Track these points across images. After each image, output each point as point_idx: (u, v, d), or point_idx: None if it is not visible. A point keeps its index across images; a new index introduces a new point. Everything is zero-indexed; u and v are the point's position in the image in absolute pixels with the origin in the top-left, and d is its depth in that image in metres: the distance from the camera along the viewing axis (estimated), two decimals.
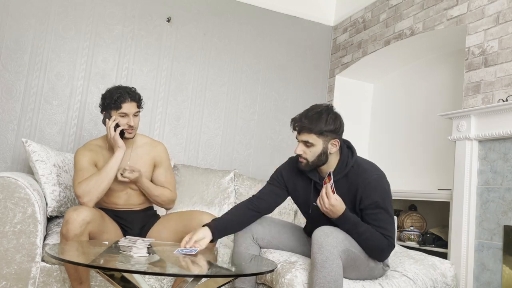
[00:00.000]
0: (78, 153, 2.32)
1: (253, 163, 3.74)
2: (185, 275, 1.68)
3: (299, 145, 2.04)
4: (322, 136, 1.99)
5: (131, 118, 2.29)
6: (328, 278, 1.84)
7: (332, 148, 2.03)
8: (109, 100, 2.28)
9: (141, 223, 2.41)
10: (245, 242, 2.20)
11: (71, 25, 3.26)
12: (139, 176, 2.29)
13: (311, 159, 2.03)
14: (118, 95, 2.26)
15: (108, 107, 2.29)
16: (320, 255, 1.85)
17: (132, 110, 2.30)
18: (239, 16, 3.77)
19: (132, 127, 2.31)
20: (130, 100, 2.28)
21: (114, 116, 2.28)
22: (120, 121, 2.28)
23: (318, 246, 1.86)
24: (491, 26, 2.63)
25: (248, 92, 3.77)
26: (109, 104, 2.28)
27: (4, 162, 3.03)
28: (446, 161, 3.20)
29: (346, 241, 1.93)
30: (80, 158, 2.29)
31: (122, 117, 2.28)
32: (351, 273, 2.02)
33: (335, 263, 1.85)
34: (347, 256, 1.92)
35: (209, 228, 2.03)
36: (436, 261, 2.32)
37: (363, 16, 3.76)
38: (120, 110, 2.27)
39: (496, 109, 2.44)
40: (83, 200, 2.16)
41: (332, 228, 1.93)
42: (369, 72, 3.93)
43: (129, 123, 2.29)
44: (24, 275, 2.10)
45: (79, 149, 2.36)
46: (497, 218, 2.42)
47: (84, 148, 2.35)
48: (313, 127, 1.98)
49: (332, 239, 1.86)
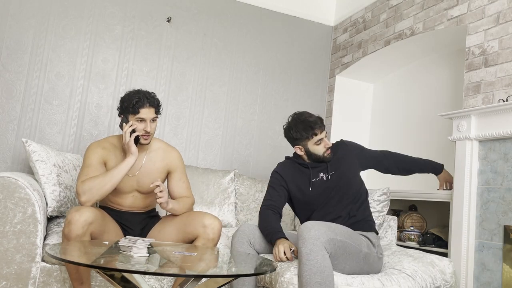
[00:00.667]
0: (90, 148, 2.29)
1: (253, 163, 3.74)
2: (185, 275, 1.68)
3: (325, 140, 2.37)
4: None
5: (148, 124, 2.25)
6: (314, 270, 1.88)
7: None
8: (127, 104, 2.23)
9: (143, 224, 2.41)
10: (241, 247, 2.21)
11: (71, 25, 3.26)
12: (166, 204, 2.25)
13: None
14: (137, 99, 2.22)
15: (125, 111, 2.25)
16: (305, 249, 1.92)
17: (150, 115, 2.25)
18: (239, 16, 3.77)
19: (148, 133, 2.26)
20: (149, 105, 2.24)
21: (131, 121, 2.24)
22: (137, 126, 2.24)
23: (302, 240, 1.95)
24: (492, 26, 2.63)
25: (248, 92, 3.77)
26: (127, 108, 2.24)
27: (4, 162, 3.03)
28: (446, 161, 3.19)
29: (329, 231, 1.98)
30: (90, 154, 2.26)
31: (139, 122, 2.24)
32: (345, 264, 2.04)
33: (320, 254, 1.90)
34: (334, 245, 1.97)
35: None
36: (434, 258, 2.32)
37: (363, 16, 3.76)
38: (138, 115, 2.22)
39: (496, 109, 2.44)
40: (82, 198, 2.13)
41: (315, 222, 2.02)
42: (369, 72, 3.93)
43: (146, 129, 2.24)
44: (24, 275, 2.10)
45: (92, 144, 2.33)
46: (497, 218, 2.42)
47: (98, 145, 2.32)
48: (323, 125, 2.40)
49: (314, 232, 1.94)
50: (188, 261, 1.82)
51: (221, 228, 2.28)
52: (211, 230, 2.22)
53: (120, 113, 2.30)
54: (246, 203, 3.28)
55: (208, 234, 2.21)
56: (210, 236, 2.22)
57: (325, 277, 1.88)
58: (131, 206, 2.38)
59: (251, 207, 3.28)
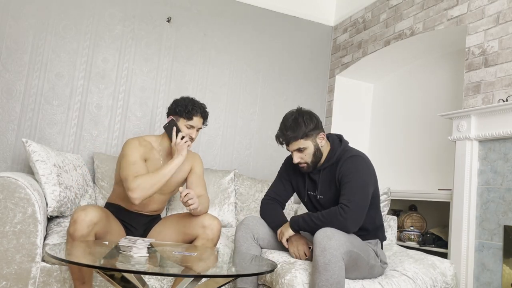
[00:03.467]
0: (130, 145, 2.31)
1: (253, 163, 3.74)
2: (185, 275, 1.68)
3: (294, 155, 2.17)
4: (308, 137, 2.14)
5: (194, 131, 2.38)
6: (331, 281, 1.84)
7: (322, 141, 2.18)
8: (182, 108, 2.36)
9: (146, 226, 2.42)
10: (246, 242, 2.20)
11: (71, 25, 3.26)
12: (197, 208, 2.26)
13: (310, 160, 2.17)
14: (193, 107, 2.36)
15: (179, 113, 2.36)
16: (323, 258, 1.85)
17: (199, 125, 2.40)
18: (239, 16, 3.77)
19: (192, 139, 2.38)
20: (201, 116, 2.40)
21: (183, 127, 2.35)
22: (185, 130, 2.36)
23: (321, 249, 1.87)
24: (491, 26, 2.63)
25: (248, 92, 3.77)
26: (181, 111, 2.36)
27: (4, 162, 3.03)
28: (446, 161, 3.20)
29: (348, 243, 1.93)
30: (133, 150, 2.28)
31: (187, 128, 2.37)
32: (352, 273, 2.03)
33: (337, 265, 1.85)
34: (349, 257, 1.93)
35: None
36: (435, 260, 2.31)
37: (363, 16, 3.76)
38: (189, 122, 2.36)
39: (496, 109, 2.44)
40: (134, 195, 2.13)
41: (335, 230, 1.94)
42: (369, 72, 3.93)
43: (192, 135, 2.37)
44: (24, 275, 2.10)
45: (131, 140, 2.35)
46: (497, 218, 2.42)
47: (137, 142, 2.35)
48: (297, 134, 2.12)
49: (335, 242, 1.87)
50: (188, 261, 1.82)
51: (221, 228, 2.28)
52: (211, 231, 2.23)
53: (171, 113, 2.40)
54: (246, 203, 3.28)
55: (208, 234, 2.22)
56: (209, 237, 2.23)
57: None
58: (143, 208, 2.39)
59: (251, 207, 3.28)
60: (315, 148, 2.15)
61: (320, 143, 2.17)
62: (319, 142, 2.16)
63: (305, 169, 2.19)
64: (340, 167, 2.12)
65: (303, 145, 2.13)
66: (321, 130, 2.18)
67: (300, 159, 2.16)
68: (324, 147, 2.20)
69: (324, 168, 2.19)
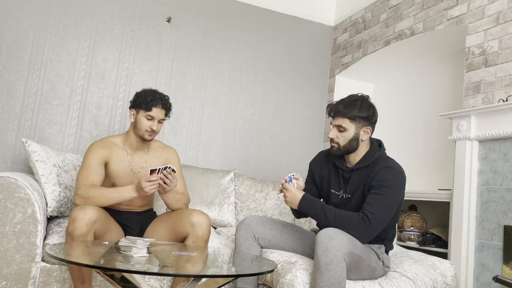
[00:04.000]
0: (91, 148, 2.36)
1: (253, 163, 3.74)
2: (185, 275, 1.68)
3: (332, 130, 2.18)
4: (355, 121, 2.13)
5: (155, 123, 2.38)
6: (332, 281, 1.84)
7: (364, 135, 2.16)
8: (142, 99, 2.36)
9: (141, 223, 2.42)
10: (246, 242, 2.20)
11: (71, 25, 3.26)
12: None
13: (343, 144, 2.16)
14: (152, 98, 2.36)
15: (138, 105, 2.38)
16: (325, 258, 1.85)
17: (159, 116, 2.39)
18: (239, 16, 3.77)
19: (153, 131, 2.39)
20: (161, 107, 2.38)
21: (143, 117, 2.34)
22: (145, 122, 2.36)
23: (322, 249, 1.86)
24: (491, 26, 2.63)
25: (248, 92, 3.77)
26: (140, 103, 2.36)
27: (4, 162, 3.03)
28: (446, 161, 3.20)
29: (351, 244, 1.93)
30: (90, 154, 2.32)
31: (147, 120, 2.37)
32: (353, 274, 2.02)
33: (339, 266, 1.85)
34: (351, 259, 1.92)
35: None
36: (435, 261, 2.31)
37: (363, 16, 3.76)
38: (148, 112, 2.36)
39: (496, 109, 2.44)
40: (77, 201, 2.18)
41: (337, 231, 1.94)
42: (369, 72, 3.93)
43: (152, 127, 2.37)
44: (24, 275, 2.10)
45: (94, 143, 2.40)
46: (497, 218, 2.42)
47: (99, 144, 2.39)
48: (347, 111, 2.12)
49: (337, 242, 1.86)
50: (188, 261, 1.82)
51: (210, 224, 2.27)
52: (200, 227, 2.22)
53: (132, 106, 2.41)
54: (246, 203, 3.28)
55: (197, 231, 2.22)
56: (199, 234, 2.22)
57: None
58: (129, 205, 2.39)
59: (251, 207, 3.27)
60: (355, 136, 2.14)
61: (361, 136, 2.15)
62: (361, 134, 2.15)
63: (334, 150, 2.18)
64: (376, 173, 2.09)
65: (346, 125, 2.12)
66: (369, 125, 2.17)
67: (335, 137, 2.16)
68: (363, 144, 2.18)
69: (358, 168, 2.17)
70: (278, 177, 3.76)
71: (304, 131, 3.95)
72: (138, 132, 2.40)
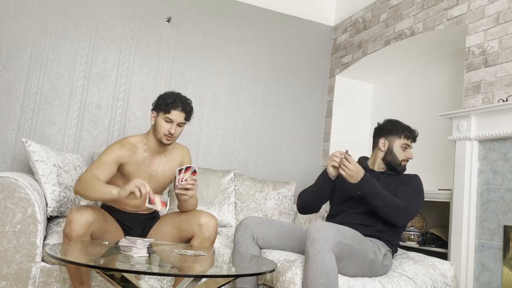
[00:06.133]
0: (111, 146, 2.29)
1: (253, 163, 3.74)
2: (185, 275, 1.68)
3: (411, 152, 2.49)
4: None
5: (173, 126, 2.29)
6: (320, 271, 1.87)
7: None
8: (162, 101, 2.29)
9: (143, 225, 2.41)
10: (245, 242, 2.21)
11: (71, 25, 3.26)
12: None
13: None
14: (172, 100, 2.27)
15: (158, 107, 2.30)
16: (312, 249, 1.90)
17: (178, 119, 2.29)
18: (239, 16, 3.77)
19: (172, 135, 2.30)
20: (181, 109, 2.29)
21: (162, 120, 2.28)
22: (163, 125, 2.28)
23: (310, 240, 1.92)
24: (491, 26, 2.63)
25: (248, 92, 3.77)
26: (160, 105, 2.29)
27: (4, 162, 3.03)
28: (446, 161, 3.20)
29: (338, 234, 1.96)
30: (109, 151, 2.25)
31: (166, 122, 2.28)
32: (349, 268, 2.03)
33: (327, 256, 1.88)
34: (341, 249, 1.95)
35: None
36: (436, 261, 2.31)
37: (363, 16, 3.76)
38: (167, 115, 2.27)
39: (496, 109, 2.44)
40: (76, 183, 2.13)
41: (324, 223, 1.99)
42: (369, 72, 3.93)
43: (170, 130, 2.28)
44: (24, 275, 2.10)
45: (114, 143, 2.32)
46: (497, 218, 2.42)
47: (118, 144, 2.31)
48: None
49: (324, 233, 1.92)
50: (188, 261, 1.82)
51: (217, 226, 2.27)
52: (207, 229, 2.22)
53: (153, 108, 2.34)
54: (246, 203, 3.28)
55: (204, 233, 2.22)
56: (206, 235, 2.22)
57: (330, 278, 1.87)
58: (137, 207, 2.37)
59: (251, 207, 3.27)
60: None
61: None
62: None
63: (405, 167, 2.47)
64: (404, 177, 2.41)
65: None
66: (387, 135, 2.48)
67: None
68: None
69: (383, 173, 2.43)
70: (278, 177, 3.76)
71: (304, 131, 3.95)
72: (157, 135, 2.31)
